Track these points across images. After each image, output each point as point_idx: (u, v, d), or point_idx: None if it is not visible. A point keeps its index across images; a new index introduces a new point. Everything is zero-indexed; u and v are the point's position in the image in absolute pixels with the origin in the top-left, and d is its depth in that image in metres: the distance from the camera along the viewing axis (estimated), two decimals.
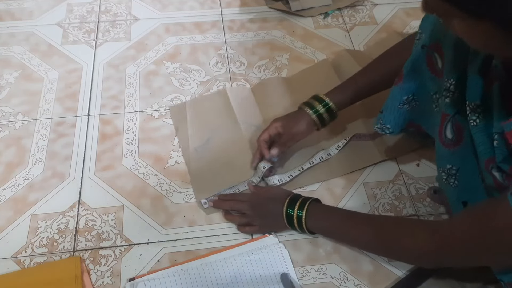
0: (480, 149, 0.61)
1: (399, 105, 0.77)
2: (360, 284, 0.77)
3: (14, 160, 0.92)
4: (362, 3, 1.26)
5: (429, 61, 0.70)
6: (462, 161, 0.67)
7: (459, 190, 0.70)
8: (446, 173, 0.70)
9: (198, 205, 0.86)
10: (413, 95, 0.75)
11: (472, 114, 0.61)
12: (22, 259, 0.79)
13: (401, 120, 0.78)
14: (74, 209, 0.85)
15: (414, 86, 0.74)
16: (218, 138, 0.95)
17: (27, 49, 1.12)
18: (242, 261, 0.78)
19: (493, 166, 0.59)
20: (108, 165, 0.92)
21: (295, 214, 0.76)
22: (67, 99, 1.03)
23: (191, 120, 0.97)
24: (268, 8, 1.24)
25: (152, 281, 0.76)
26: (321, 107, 0.84)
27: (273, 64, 1.10)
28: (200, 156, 0.92)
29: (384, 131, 0.80)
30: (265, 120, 0.97)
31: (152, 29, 1.18)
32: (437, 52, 0.68)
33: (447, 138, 0.68)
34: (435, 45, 0.68)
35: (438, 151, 0.71)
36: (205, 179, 0.89)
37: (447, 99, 0.66)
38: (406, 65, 0.73)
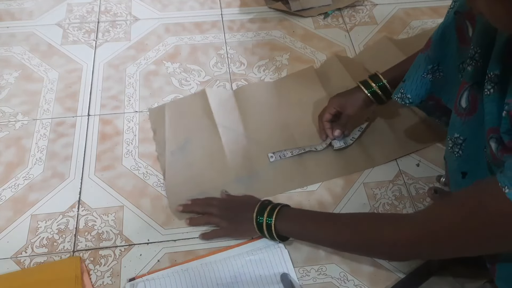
0: (487, 118, 0.60)
1: (423, 74, 0.75)
2: (360, 284, 0.77)
3: (14, 160, 0.92)
4: (362, 3, 1.26)
5: (460, 29, 0.69)
6: (471, 132, 0.66)
7: (461, 160, 0.69)
8: (452, 141, 0.69)
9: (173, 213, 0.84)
10: (438, 64, 0.74)
11: (489, 83, 0.60)
12: (22, 259, 0.79)
13: (423, 90, 0.77)
14: (74, 209, 0.85)
15: (441, 55, 0.73)
16: (196, 141, 0.94)
17: (27, 49, 1.12)
18: (242, 261, 0.78)
19: (492, 136, 0.58)
20: (108, 165, 0.92)
21: (264, 222, 0.75)
22: (67, 99, 1.03)
23: (169, 123, 0.96)
24: (268, 8, 1.24)
25: (152, 281, 0.76)
26: (376, 86, 0.86)
27: (273, 64, 1.10)
28: (176, 159, 0.91)
29: (404, 101, 0.78)
30: (244, 124, 0.96)
31: (152, 29, 1.18)
32: (469, 19, 0.67)
33: (461, 107, 0.67)
34: (469, 13, 0.66)
35: (451, 120, 0.70)
36: (180, 183, 0.87)
37: (469, 67, 0.65)
38: (436, 32, 0.72)
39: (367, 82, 0.88)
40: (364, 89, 0.87)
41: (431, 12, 1.22)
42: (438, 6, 1.24)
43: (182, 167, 0.90)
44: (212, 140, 0.94)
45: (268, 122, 0.97)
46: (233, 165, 0.90)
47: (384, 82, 0.86)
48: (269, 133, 0.95)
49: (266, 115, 0.98)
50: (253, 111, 0.99)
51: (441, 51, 0.72)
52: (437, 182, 0.88)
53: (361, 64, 1.07)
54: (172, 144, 0.93)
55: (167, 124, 0.96)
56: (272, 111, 0.99)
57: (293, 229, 0.76)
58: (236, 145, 0.93)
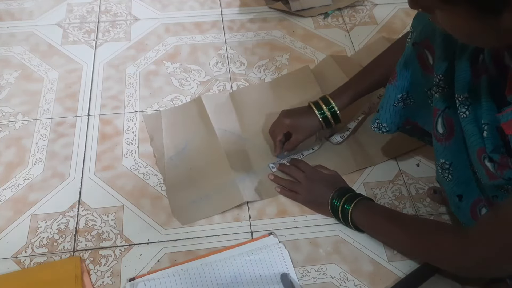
0: (471, 140, 0.61)
1: (394, 103, 0.77)
2: (360, 284, 0.77)
3: (14, 160, 0.92)
4: (362, 3, 1.26)
5: (420, 58, 0.71)
6: (454, 155, 0.68)
7: (453, 184, 0.70)
8: (440, 167, 0.71)
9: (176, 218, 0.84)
10: (407, 92, 0.76)
11: (462, 106, 0.62)
12: (22, 259, 0.79)
13: (397, 118, 0.79)
14: (74, 209, 0.85)
15: (408, 83, 0.75)
16: (194, 146, 0.93)
17: (27, 49, 1.12)
18: (242, 261, 0.78)
19: (485, 156, 0.59)
20: (108, 165, 0.92)
21: (340, 207, 0.79)
22: (67, 99, 1.03)
23: (166, 129, 0.96)
24: (268, 8, 1.24)
25: (152, 281, 0.76)
26: (327, 110, 0.85)
27: (273, 64, 1.10)
28: (175, 164, 0.90)
29: (381, 130, 0.80)
30: (241, 126, 0.97)
31: (152, 29, 1.18)
32: (428, 49, 0.69)
33: (439, 133, 0.69)
34: (425, 42, 0.69)
35: (434, 146, 0.71)
36: (180, 188, 0.87)
37: (437, 94, 0.67)
38: (399, 63, 0.74)
39: (318, 105, 0.85)
40: (316, 112, 0.85)
41: None
42: None
43: (181, 172, 0.89)
44: (210, 143, 0.93)
45: (266, 122, 0.97)
46: (232, 167, 0.89)
47: (334, 107, 0.84)
48: (267, 135, 0.95)
49: (263, 115, 0.98)
50: (250, 113, 0.99)
51: (407, 80, 0.75)
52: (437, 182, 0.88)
53: (358, 63, 1.07)
54: (170, 149, 0.92)
55: (164, 130, 0.95)
56: (269, 112, 0.99)
57: (364, 222, 0.78)
58: (234, 147, 0.93)
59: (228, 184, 0.87)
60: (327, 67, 1.08)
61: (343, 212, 0.79)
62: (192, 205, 0.85)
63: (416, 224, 0.74)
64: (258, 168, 0.90)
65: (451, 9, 0.48)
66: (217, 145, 0.93)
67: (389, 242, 0.80)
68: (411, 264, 0.78)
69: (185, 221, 0.83)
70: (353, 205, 0.77)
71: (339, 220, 0.81)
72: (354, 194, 0.80)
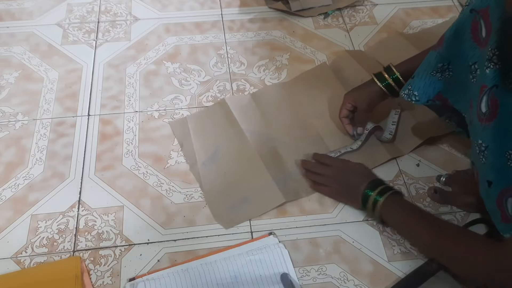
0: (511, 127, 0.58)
1: (432, 71, 0.74)
2: (360, 284, 0.77)
3: (14, 160, 0.92)
4: (362, 3, 1.26)
5: (474, 28, 0.67)
6: (492, 138, 0.64)
7: (485, 168, 0.67)
8: (478, 147, 0.67)
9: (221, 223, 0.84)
10: (448, 64, 0.73)
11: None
12: (22, 259, 0.79)
13: (431, 89, 0.76)
14: (74, 209, 0.85)
15: (452, 54, 0.72)
16: (225, 149, 0.93)
17: (27, 49, 1.12)
18: (242, 261, 0.78)
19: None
20: (108, 165, 0.92)
21: (372, 197, 0.78)
22: (67, 99, 1.03)
23: (195, 134, 0.94)
24: (268, 8, 1.24)
25: (152, 281, 0.76)
26: (390, 78, 0.85)
27: (273, 64, 1.10)
28: (210, 169, 0.89)
29: (410, 98, 0.78)
30: (269, 126, 0.96)
31: (152, 29, 1.18)
32: (485, 19, 0.65)
33: (481, 112, 0.65)
34: (484, 11, 0.65)
35: (473, 124, 0.68)
36: (218, 192, 0.87)
37: (487, 70, 0.63)
38: (449, 29, 0.71)
39: (381, 75, 0.87)
40: (378, 82, 0.87)
41: (431, 12, 1.22)
42: (438, 6, 1.24)
43: (217, 176, 0.89)
44: (241, 145, 0.93)
45: (292, 122, 0.97)
46: (267, 167, 0.89)
47: (397, 74, 0.85)
48: (295, 133, 0.95)
49: (288, 115, 0.98)
50: (275, 112, 0.98)
51: (452, 49, 0.71)
52: (437, 182, 0.88)
53: (373, 58, 1.07)
54: (202, 155, 0.91)
55: (193, 136, 0.94)
56: (293, 111, 0.99)
57: (394, 218, 0.77)
58: (265, 147, 0.92)
59: (266, 185, 0.87)
60: (344, 62, 1.08)
61: (374, 203, 0.78)
62: (232, 209, 0.84)
63: (449, 229, 0.72)
64: (292, 167, 0.90)
65: None
66: (248, 146, 0.92)
67: (416, 242, 0.78)
68: (411, 264, 0.78)
69: (228, 225, 0.83)
70: (385, 198, 0.76)
71: (367, 211, 0.80)
72: (387, 187, 0.79)
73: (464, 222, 0.84)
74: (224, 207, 0.85)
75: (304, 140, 0.94)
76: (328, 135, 0.95)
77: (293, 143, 0.93)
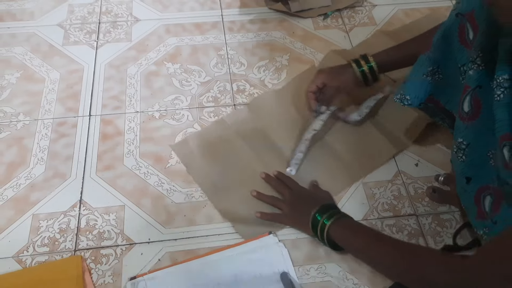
0: (498, 125, 0.59)
1: (422, 75, 0.76)
2: (360, 284, 0.77)
3: (16, 160, 0.93)
4: (362, 4, 1.27)
5: (461, 31, 0.69)
6: (474, 137, 0.66)
7: (464, 165, 0.69)
8: (456, 146, 0.69)
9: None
10: (438, 67, 0.74)
11: (498, 88, 0.60)
12: (23, 258, 0.80)
13: (422, 92, 0.77)
14: (76, 208, 0.86)
15: (441, 57, 0.73)
16: (232, 164, 0.91)
17: (28, 50, 1.13)
18: (242, 260, 0.78)
19: (505, 143, 0.57)
20: (109, 165, 0.92)
21: (320, 221, 0.76)
22: (69, 99, 1.03)
23: (199, 154, 0.93)
24: (268, 9, 1.24)
25: (153, 280, 0.76)
26: (366, 65, 0.88)
27: (273, 65, 1.11)
28: (221, 188, 0.88)
29: (403, 102, 0.79)
30: (271, 135, 0.95)
31: (152, 30, 1.19)
32: (471, 22, 0.66)
33: (463, 111, 0.67)
34: (470, 15, 0.66)
35: (456, 123, 0.70)
36: (236, 210, 0.85)
37: (471, 71, 0.65)
38: (437, 34, 0.72)
39: (358, 61, 0.89)
40: (355, 67, 0.89)
41: (430, 12, 1.23)
42: (437, 6, 1.25)
43: (230, 194, 0.87)
44: (248, 158, 0.92)
45: (291, 127, 0.96)
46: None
47: (372, 64, 0.88)
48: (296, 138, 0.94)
49: (288, 121, 0.98)
50: (275, 122, 0.98)
51: (441, 52, 0.73)
52: (436, 181, 0.89)
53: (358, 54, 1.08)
54: (210, 174, 0.90)
55: (197, 156, 0.92)
56: (291, 117, 0.98)
57: (341, 237, 0.75)
58: (271, 156, 0.92)
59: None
60: (332, 62, 1.08)
61: (321, 226, 0.76)
62: (253, 222, 0.83)
63: (408, 247, 0.71)
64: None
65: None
66: (254, 159, 0.92)
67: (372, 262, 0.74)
68: None
69: (248, 236, 0.82)
70: (333, 220, 0.75)
71: (317, 236, 0.78)
72: (338, 211, 0.78)
73: (462, 221, 0.84)
74: (247, 224, 0.83)
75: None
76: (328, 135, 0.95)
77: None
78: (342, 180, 0.90)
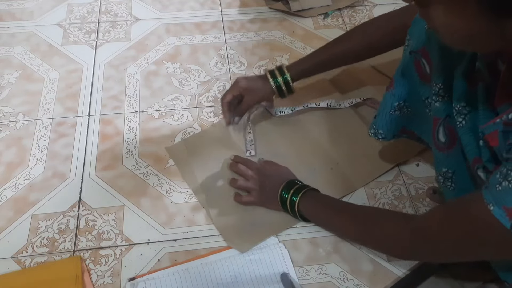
0: (467, 149, 0.62)
1: (390, 111, 0.77)
2: (360, 284, 0.77)
3: (15, 160, 0.92)
4: (362, 4, 1.26)
5: (418, 67, 0.71)
6: (457, 164, 0.68)
7: (455, 192, 0.70)
8: (442, 176, 0.71)
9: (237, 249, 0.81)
10: (404, 101, 0.76)
11: (459, 116, 0.62)
12: (22, 259, 0.79)
13: (393, 126, 0.79)
14: (75, 209, 0.86)
15: (405, 92, 0.75)
16: (227, 170, 0.90)
17: (28, 49, 1.13)
18: (242, 260, 0.78)
19: (478, 166, 0.59)
20: (108, 165, 0.92)
21: (288, 199, 0.79)
22: (68, 99, 1.03)
23: (194, 159, 0.91)
24: (268, 8, 1.24)
25: (153, 281, 0.76)
26: (280, 77, 0.88)
27: (273, 64, 1.11)
28: (214, 195, 0.87)
29: (377, 136, 0.81)
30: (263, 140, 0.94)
31: (152, 29, 1.18)
32: (425, 57, 0.69)
33: (440, 142, 0.68)
34: (422, 51, 0.69)
35: (434, 155, 0.71)
36: (228, 217, 0.84)
37: (437, 103, 0.67)
38: (397, 71, 0.74)
39: (273, 73, 0.89)
40: (271, 80, 0.89)
41: None
42: None
43: (224, 201, 0.86)
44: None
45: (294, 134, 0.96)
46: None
47: (287, 75, 0.88)
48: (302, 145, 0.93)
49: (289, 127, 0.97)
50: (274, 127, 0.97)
51: (404, 88, 0.75)
52: (436, 182, 0.89)
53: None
54: (205, 181, 0.88)
55: (193, 162, 0.91)
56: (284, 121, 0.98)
57: (311, 213, 0.79)
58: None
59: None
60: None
61: (291, 203, 0.79)
62: (245, 233, 0.82)
63: (366, 212, 0.75)
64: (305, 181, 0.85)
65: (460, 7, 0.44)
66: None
67: (337, 231, 0.80)
68: (410, 263, 0.78)
69: (244, 249, 0.79)
70: (300, 196, 0.78)
71: (288, 212, 0.81)
72: (301, 186, 0.80)
73: None
74: (236, 232, 0.82)
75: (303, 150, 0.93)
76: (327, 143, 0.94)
77: (303, 155, 0.92)
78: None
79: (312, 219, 0.81)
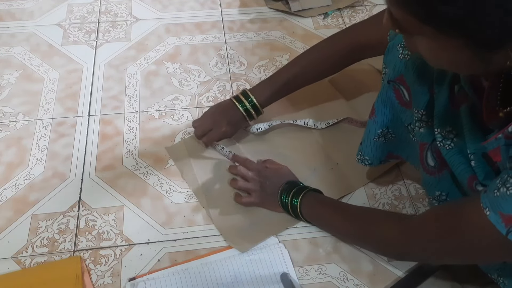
0: (459, 170, 0.61)
1: (374, 138, 0.77)
2: (360, 284, 0.77)
3: (15, 160, 0.92)
4: (362, 4, 1.26)
5: (397, 95, 0.71)
6: (450, 186, 0.68)
7: None
8: (436, 200, 0.70)
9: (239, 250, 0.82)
10: (387, 128, 0.76)
11: (446, 140, 0.63)
12: (22, 259, 0.79)
13: (379, 152, 0.79)
14: (75, 209, 0.86)
15: (387, 119, 0.75)
16: (226, 172, 0.89)
17: (28, 50, 1.13)
18: (242, 261, 0.78)
19: (476, 182, 0.59)
20: (108, 165, 0.92)
21: (289, 202, 0.79)
22: (68, 99, 1.03)
23: (194, 159, 0.91)
24: (268, 8, 1.24)
25: (153, 281, 0.76)
26: (246, 101, 0.87)
27: (273, 64, 1.11)
28: (214, 195, 0.86)
29: (363, 163, 0.81)
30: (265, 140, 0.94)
31: (152, 29, 1.18)
32: (403, 85, 0.69)
33: (430, 166, 0.68)
34: (399, 79, 0.69)
35: (425, 180, 0.71)
36: (228, 218, 0.83)
37: (421, 129, 0.67)
38: (377, 100, 0.75)
39: (239, 99, 0.88)
40: (239, 106, 0.87)
41: None
42: None
43: (224, 201, 0.86)
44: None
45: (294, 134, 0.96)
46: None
47: (252, 98, 0.87)
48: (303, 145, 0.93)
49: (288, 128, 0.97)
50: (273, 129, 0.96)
51: (386, 116, 0.75)
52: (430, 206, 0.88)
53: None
54: (205, 181, 0.88)
55: (193, 162, 0.91)
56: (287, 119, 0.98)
57: (311, 216, 0.79)
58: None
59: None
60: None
61: (292, 207, 0.79)
62: (245, 233, 0.82)
63: (362, 214, 0.75)
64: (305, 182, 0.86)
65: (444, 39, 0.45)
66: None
67: (336, 232, 0.80)
68: (410, 263, 0.78)
69: (244, 249, 0.79)
70: (300, 199, 0.78)
71: (290, 215, 0.81)
72: (301, 187, 0.80)
73: None
74: (237, 233, 0.82)
75: (303, 150, 0.93)
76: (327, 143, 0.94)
77: (301, 157, 0.92)
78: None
79: (313, 222, 0.81)
